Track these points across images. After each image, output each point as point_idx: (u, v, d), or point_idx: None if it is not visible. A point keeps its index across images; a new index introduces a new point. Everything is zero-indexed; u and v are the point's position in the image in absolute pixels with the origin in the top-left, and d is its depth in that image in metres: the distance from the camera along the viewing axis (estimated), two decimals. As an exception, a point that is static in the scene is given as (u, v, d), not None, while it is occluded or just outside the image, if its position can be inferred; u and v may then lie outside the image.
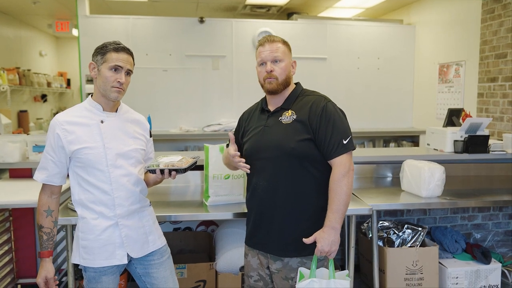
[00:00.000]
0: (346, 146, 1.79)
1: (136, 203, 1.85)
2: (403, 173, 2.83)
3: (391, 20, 6.12)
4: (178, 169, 1.81)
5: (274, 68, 1.86)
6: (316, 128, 1.79)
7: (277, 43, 1.88)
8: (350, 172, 1.78)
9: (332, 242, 1.73)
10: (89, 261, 1.80)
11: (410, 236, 2.91)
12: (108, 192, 1.77)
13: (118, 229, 1.80)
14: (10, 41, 7.07)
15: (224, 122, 5.22)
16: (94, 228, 1.79)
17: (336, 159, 1.78)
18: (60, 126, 1.75)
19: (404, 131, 5.66)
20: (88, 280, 1.83)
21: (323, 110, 1.81)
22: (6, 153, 2.89)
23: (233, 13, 6.61)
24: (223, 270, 2.62)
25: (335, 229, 1.74)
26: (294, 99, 1.90)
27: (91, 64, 1.81)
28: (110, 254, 1.80)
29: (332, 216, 1.74)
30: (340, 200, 1.74)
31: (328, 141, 1.78)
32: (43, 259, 1.79)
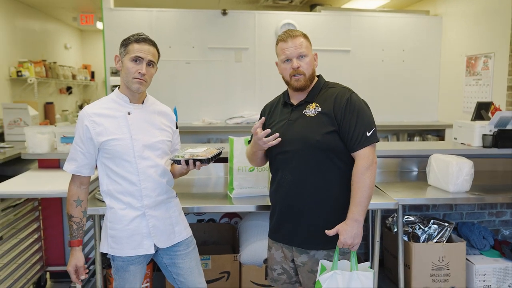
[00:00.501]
0: (369, 138, 1.78)
1: (163, 194, 1.88)
2: (429, 168, 2.78)
3: (417, 11, 5.99)
4: (202, 159, 1.81)
5: (301, 64, 1.84)
6: (340, 120, 1.79)
7: (299, 37, 1.86)
8: (373, 165, 1.77)
9: (355, 234, 1.72)
10: (117, 250, 1.83)
11: (436, 231, 2.87)
12: (136, 183, 1.80)
13: (145, 219, 1.83)
14: (37, 34, 7.22)
15: (247, 115, 5.22)
16: (122, 218, 1.82)
17: (359, 151, 1.77)
18: (88, 118, 1.78)
19: (429, 125, 5.56)
20: (116, 269, 1.86)
21: (348, 102, 1.80)
22: (35, 144, 2.96)
23: (256, 5, 6.59)
24: (247, 262, 2.63)
25: (358, 222, 1.73)
26: (317, 91, 1.89)
27: (116, 56, 1.84)
28: (138, 244, 1.83)
29: (355, 208, 1.74)
30: (363, 193, 1.73)
31: (352, 133, 1.77)
32: (73, 248, 1.84)
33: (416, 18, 5.71)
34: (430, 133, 5.61)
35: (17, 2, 6.39)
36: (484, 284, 2.78)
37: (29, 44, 6.80)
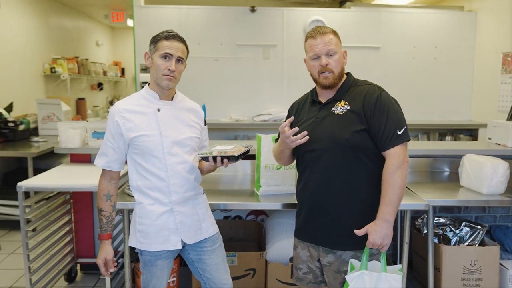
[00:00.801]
0: (400, 136, 1.74)
1: (191, 190, 1.89)
2: (462, 168, 2.70)
3: (450, 7, 5.82)
4: (230, 156, 1.81)
5: (329, 61, 1.81)
6: (370, 118, 1.75)
7: (329, 34, 1.83)
8: (404, 164, 1.73)
9: (384, 235, 1.69)
10: (145, 245, 1.86)
11: (468, 234, 2.78)
12: (164, 179, 1.82)
13: (173, 215, 1.85)
14: (70, 31, 7.41)
15: (274, 112, 5.21)
16: (150, 214, 1.84)
17: (390, 150, 1.73)
18: (119, 114, 1.81)
19: (461, 124, 5.40)
20: (144, 263, 1.89)
21: (378, 100, 1.76)
22: (68, 139, 3.04)
23: (284, 2, 6.55)
24: (273, 259, 2.63)
25: (387, 222, 1.70)
26: (346, 89, 1.86)
27: (146, 53, 1.86)
28: (165, 239, 1.85)
29: (385, 208, 1.70)
30: (394, 193, 1.70)
31: (382, 131, 1.74)
32: (103, 241, 1.88)
33: (449, 14, 5.55)
34: (462, 133, 5.44)
35: (51, 0, 6.56)
36: (519, 290, 2.68)
37: (62, 41, 6.99)
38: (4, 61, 5.17)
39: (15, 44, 5.46)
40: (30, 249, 2.66)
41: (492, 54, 5.12)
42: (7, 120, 4.68)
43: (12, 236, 4.16)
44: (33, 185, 2.63)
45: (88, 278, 3.30)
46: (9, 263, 3.57)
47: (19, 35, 5.58)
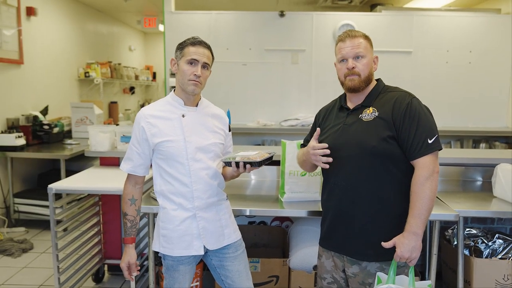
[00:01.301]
0: (431, 145, 1.68)
1: (214, 196, 1.90)
2: (495, 178, 2.60)
3: (486, 10, 5.63)
4: (252, 162, 1.80)
5: (356, 64, 1.79)
6: (399, 126, 1.70)
7: (359, 38, 1.80)
8: (434, 174, 1.67)
9: (412, 248, 1.64)
10: (168, 249, 1.88)
11: (502, 247, 2.67)
12: (188, 184, 1.83)
13: (195, 220, 1.86)
14: (104, 36, 7.62)
15: (302, 117, 5.17)
16: (174, 219, 1.86)
17: (420, 159, 1.68)
18: (145, 119, 1.84)
19: (497, 131, 5.20)
20: (167, 267, 1.91)
21: (408, 107, 1.71)
22: (98, 142, 3.12)
23: (314, 6, 6.52)
24: (296, 267, 2.61)
25: (416, 235, 1.65)
26: (375, 96, 1.82)
27: (172, 60, 1.88)
28: (188, 245, 1.86)
29: (413, 221, 1.65)
30: (423, 205, 1.64)
31: (411, 139, 1.68)
32: (127, 245, 1.91)
33: (485, 17, 5.37)
34: (498, 140, 5.25)
35: (87, 6, 6.78)
36: (556, 307, 2.55)
37: (97, 46, 7.20)
38: (41, 66, 5.37)
39: (51, 50, 5.66)
40: (59, 249, 2.74)
41: (531, 59, 4.93)
42: (42, 123, 4.86)
43: (44, 236, 4.30)
44: (63, 187, 2.71)
45: (115, 279, 3.37)
46: (41, 262, 3.69)
47: (56, 41, 5.78)
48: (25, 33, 4.94)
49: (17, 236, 4.22)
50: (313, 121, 2.07)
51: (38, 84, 5.29)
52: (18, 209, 4.49)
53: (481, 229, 2.83)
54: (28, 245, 3.95)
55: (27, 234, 4.33)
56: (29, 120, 4.82)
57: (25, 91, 5.00)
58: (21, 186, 4.79)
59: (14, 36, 4.75)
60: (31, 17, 5.09)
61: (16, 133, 4.34)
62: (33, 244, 4.03)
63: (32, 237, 4.25)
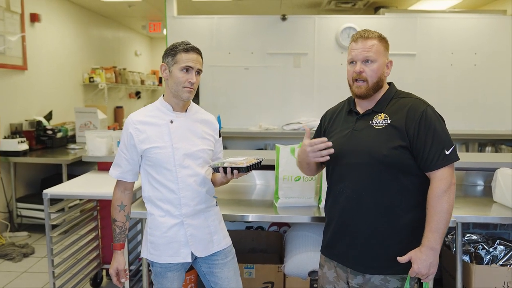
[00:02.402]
0: (449, 157, 1.60)
1: (202, 203, 1.88)
2: (495, 183, 2.54)
3: (491, 11, 5.56)
4: (240, 167, 1.77)
5: (365, 69, 1.68)
6: (414, 136, 1.61)
7: (372, 40, 1.69)
8: (452, 186, 1.60)
9: (431, 264, 1.58)
10: (155, 256, 1.86)
11: (503, 253, 2.61)
12: (175, 191, 1.82)
13: (183, 228, 1.84)
14: (109, 41, 7.68)
15: (304, 121, 5.15)
16: (161, 225, 1.84)
17: (437, 172, 1.60)
18: (133, 125, 1.83)
19: (503, 134, 5.11)
20: (155, 274, 1.90)
21: (423, 116, 1.62)
22: (95, 147, 3.13)
23: (317, 9, 6.50)
24: (291, 273, 2.57)
25: (434, 250, 1.58)
26: (387, 101, 1.72)
27: (162, 65, 1.84)
28: (175, 252, 1.84)
29: (431, 235, 1.58)
30: (441, 219, 1.57)
31: (428, 151, 1.60)
32: (115, 251, 1.90)
33: (490, 18, 5.30)
34: (504, 143, 5.16)
35: (92, 12, 6.83)
36: (559, 316, 2.48)
37: (102, 51, 7.25)
38: (45, 72, 5.42)
39: (56, 55, 5.71)
40: (55, 254, 2.74)
41: (537, 60, 4.84)
42: (45, 128, 4.89)
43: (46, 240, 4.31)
44: (58, 192, 2.72)
45: (112, 284, 3.33)
46: (41, 266, 3.70)
47: (60, 47, 5.84)
48: (29, 39, 4.98)
49: (19, 240, 4.24)
50: (319, 123, 1.96)
51: (42, 89, 5.33)
52: (20, 214, 4.52)
53: (482, 235, 2.77)
54: (29, 250, 3.97)
55: (29, 238, 4.36)
56: (32, 125, 4.85)
57: (29, 96, 5.04)
58: (24, 190, 4.82)
59: (18, 42, 4.80)
60: (35, 23, 5.14)
61: (18, 138, 4.37)
62: (35, 248, 4.05)
63: (34, 241, 4.27)
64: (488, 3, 5.95)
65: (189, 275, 2.61)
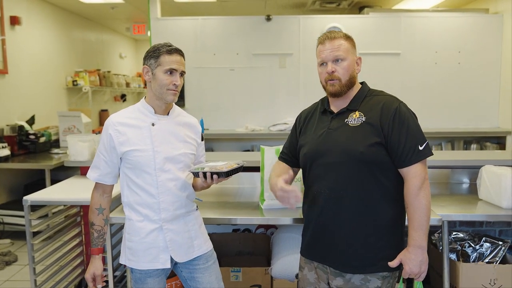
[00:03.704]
0: (422, 152, 1.62)
1: (182, 208, 1.84)
2: (480, 180, 2.55)
3: (475, 10, 5.61)
4: (219, 172, 1.75)
5: (336, 68, 1.70)
6: (388, 132, 1.63)
7: (339, 39, 1.72)
8: (426, 182, 1.63)
9: (421, 262, 1.60)
10: (134, 262, 1.83)
11: (489, 250, 2.62)
12: (154, 195, 1.78)
13: (162, 233, 1.80)
14: (92, 44, 7.58)
15: (290, 121, 5.13)
16: (139, 231, 1.81)
17: (410, 168, 1.62)
18: (113, 127, 1.79)
19: (488, 131, 5.17)
20: (135, 280, 1.86)
21: (396, 112, 1.64)
22: (77, 152, 3.07)
23: (302, 9, 6.50)
24: (278, 276, 2.54)
25: (421, 248, 1.60)
26: (361, 99, 1.74)
27: (144, 68, 1.80)
28: (154, 258, 1.81)
29: (416, 234, 1.60)
30: (422, 215, 1.60)
31: (402, 147, 1.62)
32: (93, 256, 1.85)
33: (473, 17, 5.36)
34: (489, 140, 5.21)
35: (74, 14, 6.74)
36: (544, 311, 2.49)
37: (86, 54, 7.15)
38: (27, 75, 5.32)
39: (38, 59, 5.62)
40: (36, 262, 2.68)
41: (520, 58, 4.90)
42: (28, 132, 4.80)
43: (30, 247, 4.23)
44: (39, 199, 2.65)
45: (98, 291, 3.30)
46: (23, 274, 3.61)
47: (42, 50, 5.74)
48: (9, 42, 4.89)
49: (1, 248, 4.15)
50: (293, 124, 1.97)
51: (24, 93, 5.23)
52: (3, 221, 4.42)
53: (468, 232, 2.77)
54: (12, 258, 3.88)
55: (12, 246, 4.26)
56: (14, 130, 4.76)
57: (10, 101, 4.94)
58: (6, 197, 4.72)
59: (-2, 45, 4.71)
60: (15, 26, 5.04)
61: (-1, 144, 4.28)
62: (17, 256, 3.96)
63: (17, 249, 4.18)
64: (471, 2, 6.00)
65: (174, 280, 2.56)
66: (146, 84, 1.85)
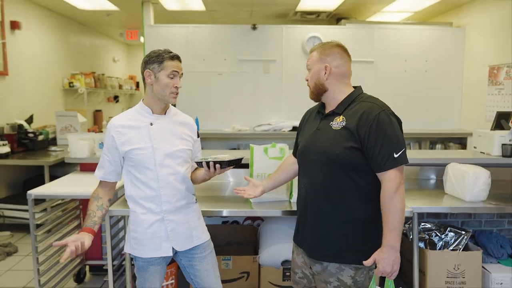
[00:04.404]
0: (397, 159, 1.60)
1: (182, 200, 1.86)
2: (446, 177, 2.64)
3: (440, 23, 5.76)
4: (222, 161, 1.79)
5: (308, 77, 1.81)
6: (364, 138, 1.63)
7: (313, 51, 1.80)
8: (400, 186, 1.62)
9: (393, 262, 1.60)
10: (138, 251, 1.84)
11: (453, 239, 2.71)
12: (156, 189, 1.80)
13: (164, 223, 1.82)
14: (87, 48, 7.47)
15: (274, 122, 5.17)
16: (143, 222, 1.82)
17: (386, 173, 1.61)
18: (114, 129, 1.80)
19: (451, 133, 5.31)
20: (138, 268, 1.87)
21: (375, 120, 1.62)
22: (77, 149, 3.04)
23: (285, 20, 6.54)
24: (265, 263, 2.58)
25: (394, 248, 1.60)
26: (347, 104, 1.73)
27: (147, 72, 1.81)
28: (157, 246, 1.82)
29: (390, 235, 1.60)
30: (396, 217, 1.59)
31: (377, 153, 1.61)
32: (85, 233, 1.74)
33: (439, 30, 5.50)
34: (452, 141, 5.36)
35: (70, 20, 6.63)
36: (501, 293, 2.60)
37: (81, 58, 7.05)
38: (26, 77, 5.22)
39: (36, 61, 5.51)
40: (39, 252, 2.65)
41: (480, 67, 5.06)
42: (27, 131, 4.71)
43: (29, 239, 4.11)
44: (42, 192, 2.62)
45: (96, 279, 3.29)
46: (24, 264, 3.57)
47: (40, 53, 5.64)
48: (9, 45, 4.79)
49: (2, 240, 4.07)
50: (300, 122, 2.02)
51: (23, 94, 5.13)
52: (3, 214, 4.34)
53: (435, 223, 2.86)
54: (12, 249, 3.82)
55: (12, 238, 4.19)
56: (14, 128, 4.66)
57: (10, 101, 4.85)
58: (6, 192, 4.63)
59: (-1, 48, 4.61)
60: (15, 30, 4.94)
61: (0, 141, 4.19)
62: (18, 247, 3.90)
63: (17, 240, 4.11)
64: (436, 16, 6.15)
65: (169, 268, 2.57)
66: (146, 86, 1.85)
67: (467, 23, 5.39)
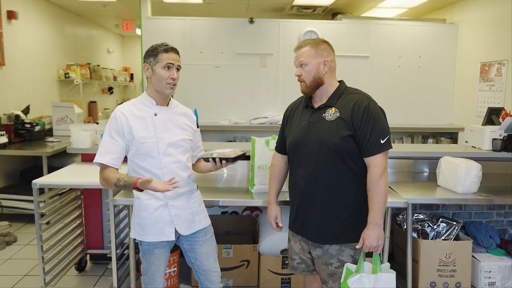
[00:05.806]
0: (383, 145, 1.78)
1: (184, 186, 1.94)
2: (439, 169, 2.74)
3: (433, 20, 5.86)
4: (227, 158, 1.91)
5: (302, 72, 1.86)
6: (357, 126, 1.78)
7: (304, 47, 1.86)
8: (385, 171, 1.80)
9: (377, 237, 1.76)
10: (143, 236, 1.92)
11: (445, 229, 2.82)
12: (160, 176, 1.87)
13: (167, 209, 1.91)
14: (83, 39, 7.44)
15: (270, 115, 5.24)
16: (147, 207, 1.89)
17: (373, 158, 1.78)
18: (122, 115, 1.86)
19: (443, 128, 5.43)
20: (143, 252, 1.95)
21: (365, 109, 1.78)
22: (79, 140, 3.08)
23: (281, 14, 6.58)
24: (265, 252, 2.67)
25: (378, 225, 1.77)
26: (338, 97, 1.87)
27: (145, 65, 1.88)
28: (160, 231, 1.91)
29: (374, 213, 1.77)
30: (380, 199, 1.76)
31: (367, 139, 1.77)
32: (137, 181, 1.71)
33: (432, 26, 5.59)
34: (443, 136, 5.48)
35: (66, 11, 6.60)
36: (489, 281, 2.72)
37: (76, 48, 7.02)
38: (23, 68, 5.21)
39: (32, 52, 5.50)
40: (43, 240, 2.70)
41: (471, 64, 5.17)
42: (24, 121, 4.72)
43: (27, 229, 4.21)
44: (47, 182, 2.67)
45: (96, 268, 3.35)
46: (24, 253, 3.61)
47: (36, 44, 5.62)
48: (6, 35, 4.78)
49: (1, 229, 4.10)
50: (282, 118, 2.12)
51: (19, 84, 5.13)
52: (1, 204, 4.36)
53: (427, 214, 2.97)
54: (12, 238, 3.85)
55: (10, 227, 4.22)
56: (11, 119, 4.68)
57: (7, 91, 4.84)
58: (3, 182, 4.65)
59: (-5, 38, 4.60)
60: (12, 20, 4.93)
61: (-2, 132, 4.21)
62: (17, 237, 3.94)
63: (16, 230, 4.15)
64: (430, 12, 6.25)
65: (172, 256, 2.65)
66: (147, 79, 1.93)
67: (460, 20, 5.49)
